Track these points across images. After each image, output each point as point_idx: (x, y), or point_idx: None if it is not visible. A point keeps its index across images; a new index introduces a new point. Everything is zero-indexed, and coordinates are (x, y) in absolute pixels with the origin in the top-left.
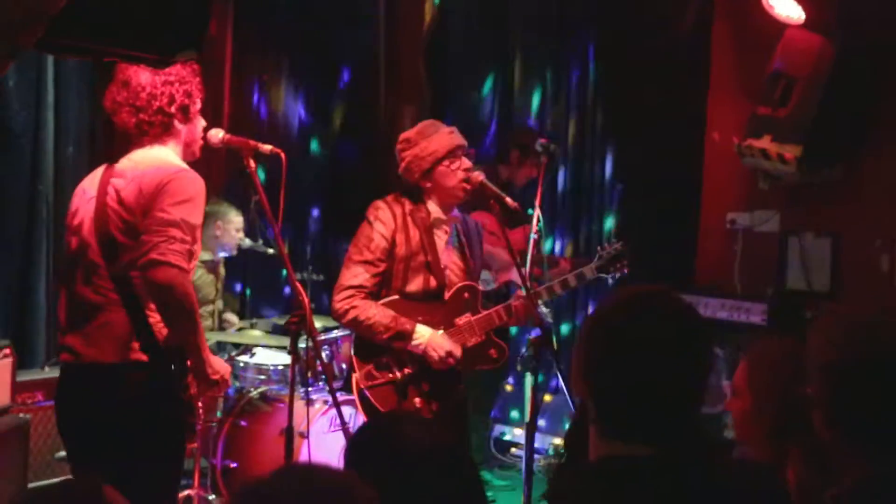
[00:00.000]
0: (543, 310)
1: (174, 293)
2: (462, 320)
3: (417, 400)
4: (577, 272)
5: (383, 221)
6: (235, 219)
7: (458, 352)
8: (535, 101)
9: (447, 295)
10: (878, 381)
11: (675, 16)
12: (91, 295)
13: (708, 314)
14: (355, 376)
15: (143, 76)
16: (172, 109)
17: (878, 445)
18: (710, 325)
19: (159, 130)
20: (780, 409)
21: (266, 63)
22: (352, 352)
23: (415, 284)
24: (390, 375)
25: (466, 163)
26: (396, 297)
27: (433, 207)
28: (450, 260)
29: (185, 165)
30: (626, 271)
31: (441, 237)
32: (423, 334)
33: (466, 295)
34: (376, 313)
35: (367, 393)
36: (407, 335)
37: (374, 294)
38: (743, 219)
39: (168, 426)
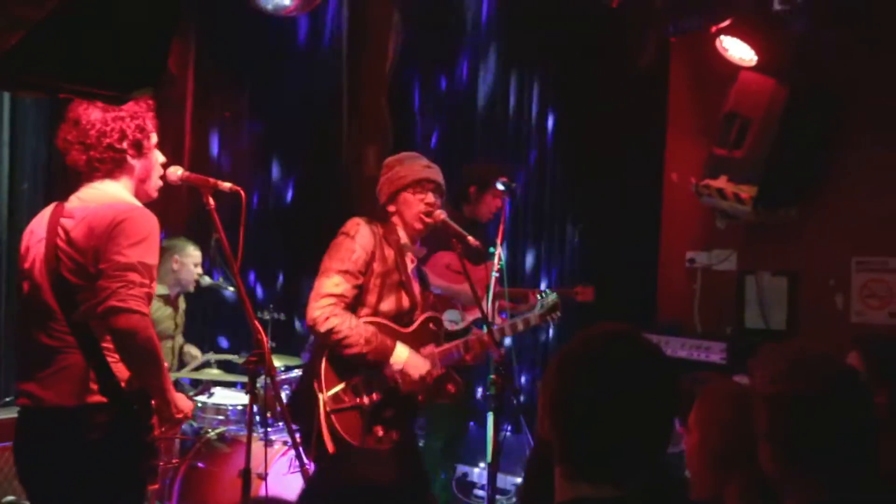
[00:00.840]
0: (488, 309)
1: (137, 339)
2: (426, 350)
3: (379, 428)
4: (524, 318)
5: (364, 235)
6: (193, 253)
7: (433, 373)
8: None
9: (414, 324)
10: (821, 412)
11: (632, 58)
12: (46, 339)
13: (668, 353)
14: (322, 397)
15: (93, 113)
16: (124, 145)
17: (820, 475)
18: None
19: (111, 167)
20: (722, 443)
21: (227, 101)
22: (321, 369)
23: (388, 303)
24: (358, 400)
25: (431, 198)
26: (376, 318)
27: (401, 233)
28: (416, 287)
29: (136, 202)
30: (558, 320)
31: (408, 264)
32: (402, 353)
33: (432, 326)
34: (357, 325)
35: (332, 417)
36: (388, 351)
37: (351, 308)
38: (701, 257)
39: (130, 468)
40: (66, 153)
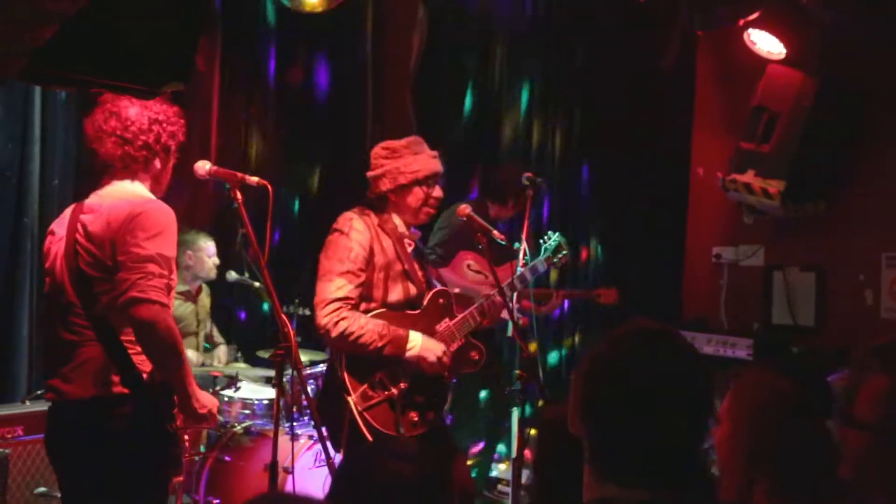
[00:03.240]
0: (513, 305)
1: (157, 329)
2: (442, 326)
3: (414, 414)
4: (530, 266)
5: (359, 231)
6: (205, 245)
7: (447, 354)
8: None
9: (423, 304)
10: None
11: (658, 52)
12: (67, 334)
13: None
14: (351, 399)
15: (131, 110)
16: (157, 147)
17: None
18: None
19: (140, 165)
20: (754, 434)
21: (253, 97)
22: (343, 374)
23: (395, 294)
24: (386, 393)
25: (438, 191)
26: (383, 309)
27: (397, 220)
28: (417, 269)
29: (152, 196)
30: (565, 261)
31: (407, 248)
32: (417, 339)
33: (441, 301)
34: (367, 323)
35: (366, 415)
36: (402, 341)
37: (356, 307)
38: (728, 253)
39: (154, 458)
40: (97, 142)
